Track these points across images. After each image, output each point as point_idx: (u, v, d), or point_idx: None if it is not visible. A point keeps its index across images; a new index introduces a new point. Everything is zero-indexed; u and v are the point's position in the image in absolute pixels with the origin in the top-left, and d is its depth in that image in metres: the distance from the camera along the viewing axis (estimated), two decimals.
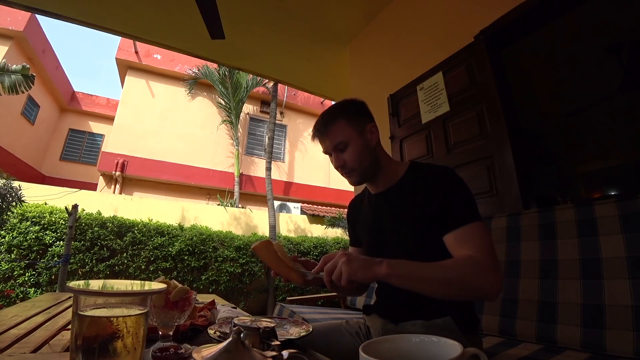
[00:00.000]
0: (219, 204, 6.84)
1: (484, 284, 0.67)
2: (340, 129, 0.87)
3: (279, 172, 8.99)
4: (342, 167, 0.89)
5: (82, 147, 10.35)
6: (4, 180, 3.07)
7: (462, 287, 0.68)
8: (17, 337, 0.71)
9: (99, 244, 4.01)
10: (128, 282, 0.52)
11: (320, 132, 0.90)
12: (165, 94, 8.29)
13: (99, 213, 4.31)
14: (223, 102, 8.35)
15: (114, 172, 7.24)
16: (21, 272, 3.57)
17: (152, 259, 4.24)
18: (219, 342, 0.51)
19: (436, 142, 2.05)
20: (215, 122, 8.53)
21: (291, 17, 2.83)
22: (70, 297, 1.36)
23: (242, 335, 0.48)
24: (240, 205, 7.37)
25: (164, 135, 7.98)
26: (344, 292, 1.07)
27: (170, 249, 4.35)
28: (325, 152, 0.92)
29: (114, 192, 7.29)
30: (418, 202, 0.82)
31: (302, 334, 0.74)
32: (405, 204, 0.85)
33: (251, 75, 7.94)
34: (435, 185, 0.81)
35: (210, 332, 0.72)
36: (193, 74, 8.25)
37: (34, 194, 4.24)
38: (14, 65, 4.33)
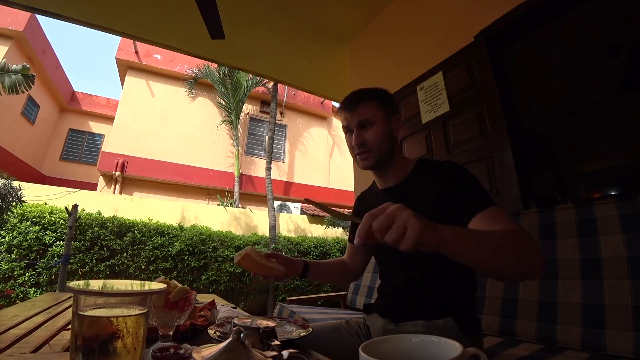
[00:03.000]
0: (219, 204, 6.84)
1: (535, 256, 0.62)
2: (371, 108, 0.88)
3: (279, 172, 8.99)
4: (360, 146, 0.88)
5: (82, 147, 10.34)
6: (4, 180, 3.07)
7: (519, 258, 0.61)
8: (17, 337, 0.71)
9: (99, 244, 4.01)
10: (128, 282, 0.52)
11: (350, 105, 0.90)
12: (165, 94, 8.28)
13: (99, 213, 4.31)
14: (223, 102, 8.35)
15: (114, 172, 7.24)
16: (21, 272, 3.56)
17: (152, 259, 4.24)
18: (219, 342, 0.51)
19: (436, 142, 2.05)
20: (215, 122, 8.53)
21: (291, 17, 2.83)
22: (70, 297, 1.36)
23: (242, 335, 0.48)
24: (240, 205, 7.37)
25: (164, 135, 7.98)
26: (329, 279, 1.14)
27: (170, 249, 4.35)
28: (347, 127, 0.92)
29: (114, 192, 7.29)
30: (428, 196, 0.82)
31: (302, 334, 0.74)
32: (414, 199, 0.85)
33: (251, 75, 7.94)
34: (444, 177, 0.81)
35: (210, 332, 0.72)
36: (193, 74, 8.25)
37: (34, 194, 4.24)
38: (14, 65, 4.33)
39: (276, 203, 7.18)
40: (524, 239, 0.63)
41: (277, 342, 0.58)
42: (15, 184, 3.22)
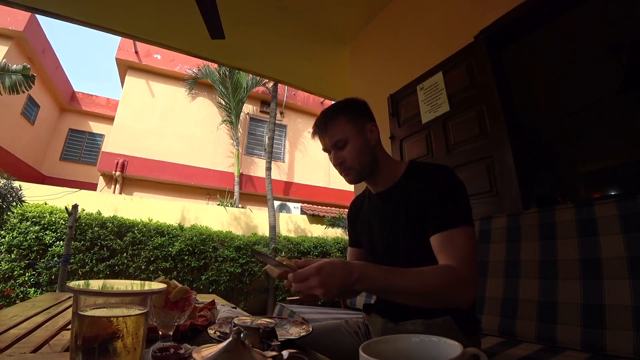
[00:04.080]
0: (219, 204, 6.84)
1: (457, 297, 0.69)
2: (340, 126, 0.88)
3: (279, 172, 8.99)
4: (340, 165, 0.89)
5: (82, 147, 10.35)
6: (5, 180, 3.07)
7: (436, 300, 0.70)
8: (17, 337, 0.71)
9: (99, 244, 4.01)
10: (128, 282, 0.52)
11: (320, 128, 0.91)
12: (165, 94, 8.28)
13: (99, 213, 4.31)
14: (223, 102, 8.35)
15: (114, 172, 7.24)
16: (21, 272, 3.57)
17: (152, 259, 4.24)
18: (219, 342, 0.51)
19: (436, 142, 2.05)
20: (215, 122, 8.53)
21: (291, 17, 2.83)
22: (70, 297, 1.36)
23: (242, 335, 0.48)
24: (240, 205, 7.37)
25: (164, 135, 7.98)
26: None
27: (170, 249, 4.35)
28: (325, 149, 0.93)
29: (114, 192, 7.29)
30: (415, 201, 0.82)
31: (302, 334, 0.74)
32: (403, 202, 0.85)
33: (251, 75, 7.94)
34: (431, 184, 0.81)
35: (210, 332, 0.72)
36: (193, 74, 8.25)
37: (34, 194, 4.24)
38: (15, 65, 4.33)
39: (276, 203, 7.18)
40: (450, 283, 0.69)
41: (277, 342, 0.59)
42: (16, 184, 3.22)
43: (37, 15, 7.64)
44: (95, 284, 0.46)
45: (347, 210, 1.12)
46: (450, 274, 0.69)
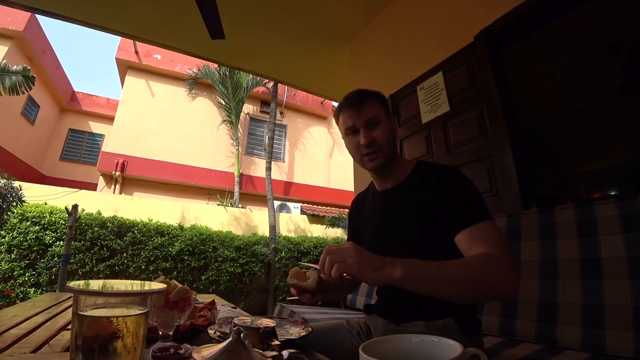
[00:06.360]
0: (219, 204, 6.84)
1: (504, 281, 0.63)
2: (375, 107, 0.88)
3: (279, 172, 8.99)
4: (369, 145, 0.85)
5: (82, 147, 10.35)
6: (5, 180, 3.07)
7: (483, 286, 0.63)
8: (17, 337, 0.71)
9: (99, 244, 4.01)
10: (128, 282, 0.52)
11: (354, 105, 0.87)
12: (165, 94, 8.29)
13: (99, 213, 4.31)
14: (223, 102, 8.35)
15: (114, 172, 7.24)
16: (21, 272, 3.57)
17: (152, 259, 4.25)
18: (219, 342, 0.51)
19: (436, 142, 2.05)
20: (215, 122, 8.53)
21: (291, 17, 2.83)
22: (70, 297, 1.36)
23: (242, 335, 0.48)
24: (240, 205, 7.37)
25: (164, 135, 7.98)
26: (337, 290, 1.02)
27: (170, 249, 4.35)
28: (351, 127, 0.88)
29: (114, 192, 7.29)
30: (425, 200, 0.81)
31: (302, 334, 0.74)
32: (412, 201, 0.85)
33: (251, 75, 7.94)
34: (442, 184, 0.80)
35: (210, 332, 0.72)
36: (193, 74, 8.25)
37: (34, 194, 4.24)
38: (15, 66, 4.33)
39: (276, 203, 7.18)
40: (493, 265, 0.64)
41: (277, 342, 0.58)
42: (16, 184, 3.22)
43: (37, 15, 7.64)
44: (95, 284, 0.46)
45: (347, 210, 1.12)
46: (490, 258, 0.66)
